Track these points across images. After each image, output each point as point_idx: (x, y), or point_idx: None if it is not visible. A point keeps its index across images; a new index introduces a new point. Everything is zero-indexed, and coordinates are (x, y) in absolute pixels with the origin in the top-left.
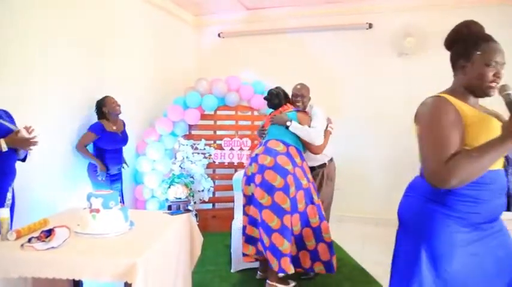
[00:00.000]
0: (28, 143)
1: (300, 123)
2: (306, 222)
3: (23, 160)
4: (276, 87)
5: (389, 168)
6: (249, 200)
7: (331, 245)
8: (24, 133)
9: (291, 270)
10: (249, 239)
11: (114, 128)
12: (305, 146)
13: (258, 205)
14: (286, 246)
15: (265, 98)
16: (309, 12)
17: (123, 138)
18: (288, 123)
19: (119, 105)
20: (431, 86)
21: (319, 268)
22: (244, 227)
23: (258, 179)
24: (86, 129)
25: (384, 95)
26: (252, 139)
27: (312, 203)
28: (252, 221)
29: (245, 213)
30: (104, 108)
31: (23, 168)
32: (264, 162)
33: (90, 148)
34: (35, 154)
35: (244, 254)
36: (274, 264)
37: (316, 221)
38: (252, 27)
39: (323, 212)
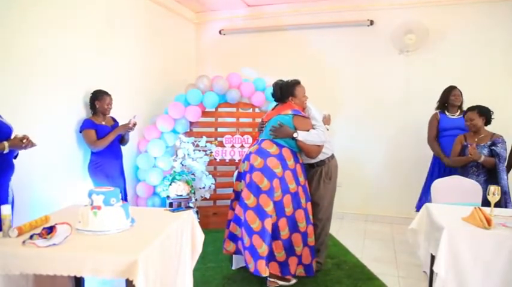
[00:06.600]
0: (25, 146)
1: (296, 129)
2: (294, 227)
3: (14, 157)
4: (291, 80)
5: (390, 165)
6: (237, 195)
7: (313, 249)
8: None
9: (266, 273)
10: (232, 236)
11: (103, 123)
12: (301, 150)
13: (244, 205)
14: (264, 249)
15: (272, 85)
16: (310, 9)
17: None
18: (295, 135)
19: (111, 108)
20: (432, 83)
21: (299, 270)
22: (229, 222)
23: (247, 179)
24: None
25: (384, 92)
26: (253, 136)
27: (300, 207)
28: (236, 220)
29: (232, 208)
30: (97, 102)
31: (24, 165)
32: (254, 163)
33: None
34: (36, 151)
35: (224, 249)
36: (251, 264)
37: (304, 226)
38: (253, 24)
39: (310, 216)
